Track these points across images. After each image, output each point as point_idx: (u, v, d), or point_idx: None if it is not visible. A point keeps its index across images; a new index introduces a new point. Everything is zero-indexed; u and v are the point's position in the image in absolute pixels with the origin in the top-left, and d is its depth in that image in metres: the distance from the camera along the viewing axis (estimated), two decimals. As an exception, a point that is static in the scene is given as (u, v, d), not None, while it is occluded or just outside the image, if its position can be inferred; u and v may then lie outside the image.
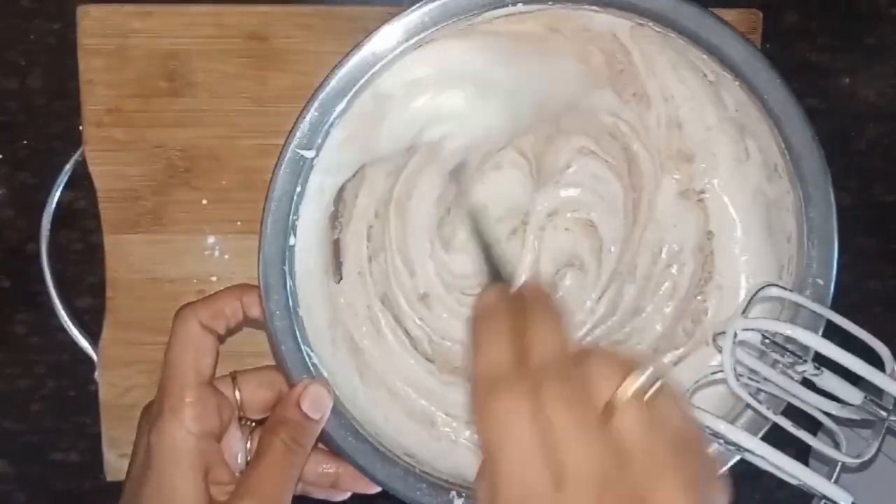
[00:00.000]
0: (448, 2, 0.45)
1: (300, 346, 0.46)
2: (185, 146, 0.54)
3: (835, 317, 0.46)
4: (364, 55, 0.45)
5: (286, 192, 0.45)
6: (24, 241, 0.58)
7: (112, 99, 0.54)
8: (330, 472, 0.48)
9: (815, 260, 0.48)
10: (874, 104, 0.60)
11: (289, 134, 0.45)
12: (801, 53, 0.59)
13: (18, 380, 0.59)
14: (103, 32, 0.53)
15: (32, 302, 0.58)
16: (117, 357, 0.55)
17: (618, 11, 0.46)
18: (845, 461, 0.44)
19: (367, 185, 0.50)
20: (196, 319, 0.45)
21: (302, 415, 0.45)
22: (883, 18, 0.60)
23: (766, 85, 0.46)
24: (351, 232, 0.50)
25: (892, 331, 0.61)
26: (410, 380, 0.51)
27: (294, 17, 0.54)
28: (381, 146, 0.49)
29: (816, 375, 0.45)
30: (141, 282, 0.55)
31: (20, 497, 0.60)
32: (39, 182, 0.57)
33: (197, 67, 0.54)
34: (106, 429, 0.56)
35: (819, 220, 0.47)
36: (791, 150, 0.47)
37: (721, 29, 0.46)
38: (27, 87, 0.57)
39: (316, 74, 0.46)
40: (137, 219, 0.55)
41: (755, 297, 0.46)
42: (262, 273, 0.45)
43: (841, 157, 0.58)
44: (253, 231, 0.47)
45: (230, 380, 0.47)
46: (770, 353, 0.46)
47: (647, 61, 0.49)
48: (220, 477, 0.44)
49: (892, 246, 0.61)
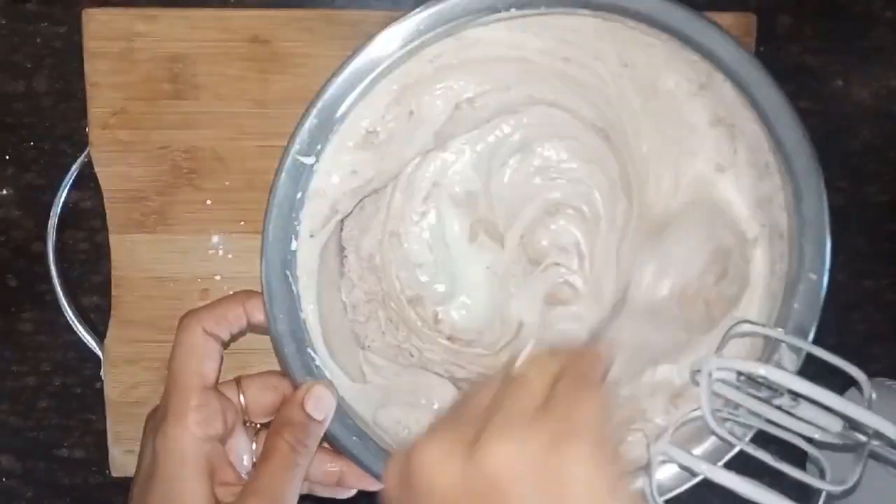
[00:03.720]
0: (443, 8, 0.45)
1: (304, 348, 0.47)
2: (190, 147, 0.55)
3: (811, 348, 0.47)
4: (362, 61, 0.45)
5: (287, 197, 0.46)
6: (30, 240, 0.58)
7: (117, 101, 0.54)
8: (335, 470, 0.48)
9: (808, 256, 0.48)
10: (868, 106, 0.60)
11: (288, 141, 0.45)
12: (795, 56, 0.59)
13: (25, 377, 0.59)
14: (109, 36, 0.54)
15: (39, 301, 0.58)
16: (123, 355, 0.56)
17: (608, 15, 0.47)
18: (829, 489, 0.44)
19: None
20: (199, 326, 0.45)
21: (306, 416, 0.46)
22: (877, 21, 0.60)
23: (756, 84, 0.47)
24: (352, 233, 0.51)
25: (886, 330, 0.62)
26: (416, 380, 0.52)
27: (297, 22, 0.54)
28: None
29: (794, 406, 0.46)
30: (146, 281, 0.56)
31: (26, 493, 0.60)
32: (46, 183, 0.57)
33: (201, 70, 0.54)
34: (111, 425, 0.56)
35: (811, 215, 0.47)
36: (782, 147, 0.47)
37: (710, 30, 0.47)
38: (34, 90, 0.57)
39: (317, 78, 0.46)
40: (143, 219, 0.55)
41: (728, 333, 0.47)
42: (265, 277, 0.46)
43: (834, 159, 0.58)
44: (256, 231, 0.47)
45: (234, 384, 0.47)
46: (746, 389, 0.47)
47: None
48: (227, 479, 0.45)
49: (885, 246, 0.62)
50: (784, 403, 0.46)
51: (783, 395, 0.46)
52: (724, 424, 0.47)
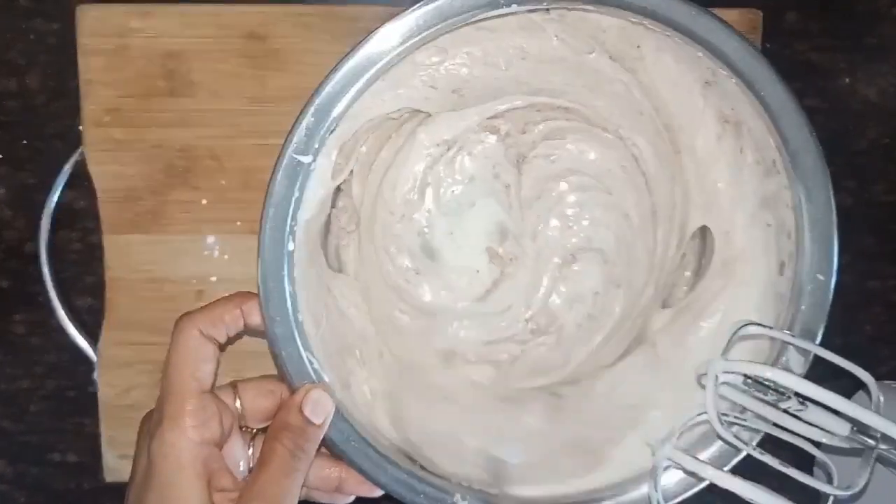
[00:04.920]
0: (442, 4, 0.45)
1: (301, 351, 0.46)
2: (185, 146, 0.54)
3: (819, 350, 0.46)
4: (360, 59, 0.45)
5: (284, 197, 0.45)
6: (23, 241, 0.58)
7: (111, 99, 0.54)
8: (333, 476, 0.48)
9: (816, 255, 0.47)
10: (874, 104, 0.60)
11: (285, 139, 0.45)
12: (802, 53, 0.59)
13: (18, 380, 0.59)
14: (102, 32, 0.53)
15: (32, 302, 0.58)
16: (116, 357, 0.55)
17: (613, 10, 0.46)
18: (837, 494, 0.44)
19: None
20: (196, 328, 0.45)
21: (304, 420, 0.45)
22: (883, 18, 0.60)
23: (763, 81, 0.46)
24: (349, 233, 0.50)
25: (892, 331, 0.62)
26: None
27: (293, 17, 0.54)
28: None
29: (801, 410, 0.45)
30: (140, 282, 0.55)
31: (19, 497, 0.60)
32: (39, 182, 0.57)
33: (196, 67, 0.54)
34: (105, 429, 0.56)
35: (818, 214, 0.47)
36: (788, 145, 0.47)
37: (717, 26, 0.46)
38: (27, 87, 0.57)
39: (315, 74, 0.45)
40: (137, 219, 0.55)
41: (735, 336, 0.47)
42: (262, 279, 0.45)
43: (841, 157, 0.58)
44: (252, 231, 0.46)
45: (231, 389, 0.47)
46: (753, 392, 0.46)
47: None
48: (223, 484, 0.44)
49: (892, 246, 0.61)
50: (791, 407, 0.46)
51: (790, 398, 0.46)
52: (730, 429, 0.46)
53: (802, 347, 0.47)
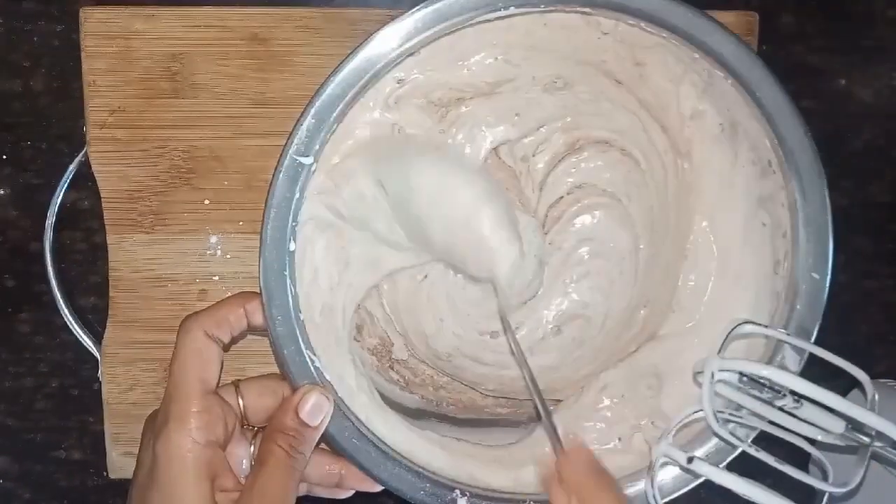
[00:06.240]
0: (442, 6, 0.45)
1: (302, 350, 0.46)
2: (188, 147, 0.55)
3: (814, 349, 0.47)
4: (360, 61, 0.45)
5: (285, 198, 0.45)
6: (28, 240, 0.58)
7: (115, 100, 0.54)
8: (334, 472, 0.48)
9: (811, 254, 0.48)
10: (870, 105, 0.60)
11: (286, 141, 0.45)
12: (798, 55, 0.59)
13: (22, 378, 0.59)
14: (106, 34, 0.54)
15: (36, 301, 0.58)
16: (120, 356, 0.56)
17: (610, 12, 0.47)
18: (832, 491, 0.44)
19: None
20: (201, 329, 0.45)
21: (300, 422, 0.45)
22: (879, 20, 0.60)
23: (759, 83, 0.47)
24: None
25: (888, 331, 0.62)
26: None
27: (295, 20, 0.54)
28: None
29: (797, 408, 0.46)
30: (144, 281, 0.55)
31: (23, 495, 0.60)
32: (43, 182, 0.57)
33: (199, 69, 0.54)
34: (109, 427, 0.56)
35: (814, 214, 0.47)
36: (784, 145, 0.47)
37: (713, 28, 0.46)
38: (31, 89, 0.57)
39: (316, 76, 0.46)
40: (140, 219, 0.55)
41: (731, 334, 0.47)
42: (264, 279, 0.46)
43: (837, 158, 0.58)
44: (255, 231, 0.47)
45: (233, 388, 0.47)
46: (749, 390, 0.46)
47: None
48: (226, 485, 0.44)
49: (888, 246, 0.62)
50: (787, 405, 0.46)
51: (786, 396, 0.46)
52: (726, 426, 0.46)
53: (798, 346, 0.47)
